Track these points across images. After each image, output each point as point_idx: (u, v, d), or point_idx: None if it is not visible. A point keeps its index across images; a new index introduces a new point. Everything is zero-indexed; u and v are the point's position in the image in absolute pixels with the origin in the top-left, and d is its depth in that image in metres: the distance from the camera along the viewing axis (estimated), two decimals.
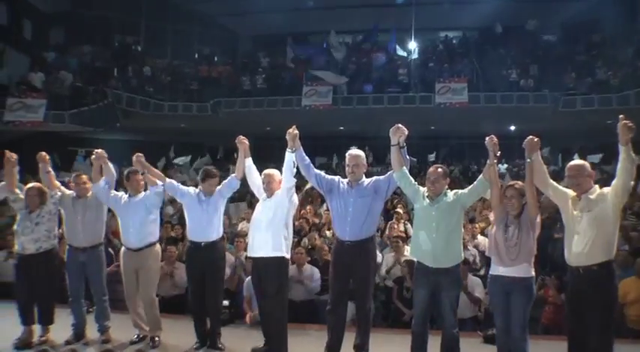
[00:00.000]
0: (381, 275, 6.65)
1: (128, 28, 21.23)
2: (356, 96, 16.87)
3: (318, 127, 18.77)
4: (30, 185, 5.03)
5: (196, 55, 21.21)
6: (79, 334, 4.98)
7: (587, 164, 3.94)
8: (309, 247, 7.46)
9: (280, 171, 4.61)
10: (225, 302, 5.49)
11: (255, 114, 17.42)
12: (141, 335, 4.97)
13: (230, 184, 4.94)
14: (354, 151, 4.54)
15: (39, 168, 5.06)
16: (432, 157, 17.59)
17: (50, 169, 5.11)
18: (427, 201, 4.17)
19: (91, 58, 18.56)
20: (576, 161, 4.05)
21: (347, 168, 4.48)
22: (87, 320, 5.07)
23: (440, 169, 4.21)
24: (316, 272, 6.57)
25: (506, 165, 17.93)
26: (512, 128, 18.71)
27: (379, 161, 17.40)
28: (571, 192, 3.90)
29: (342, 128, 19.57)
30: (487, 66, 17.00)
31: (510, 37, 18.59)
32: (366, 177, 4.51)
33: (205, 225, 4.77)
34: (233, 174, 4.94)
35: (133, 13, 20.73)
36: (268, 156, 18.60)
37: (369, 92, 16.76)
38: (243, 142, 4.85)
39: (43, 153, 5.06)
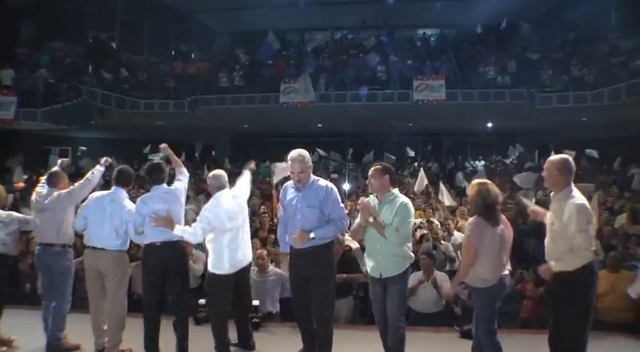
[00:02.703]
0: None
1: (103, 23, 20.81)
2: (334, 93, 16.82)
3: (296, 125, 18.80)
4: None
5: (173, 52, 20.94)
6: None
7: (557, 158, 3.89)
8: None
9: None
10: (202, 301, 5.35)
11: (232, 112, 17.27)
12: None
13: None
14: (295, 153, 4.18)
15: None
16: (410, 153, 17.65)
17: None
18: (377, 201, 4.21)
19: (63, 54, 18.14)
20: (553, 156, 4.05)
21: (292, 175, 4.22)
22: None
23: (377, 166, 4.20)
24: None
25: (482, 162, 18.12)
26: (490, 125, 18.90)
27: (357, 158, 17.46)
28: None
29: (320, 125, 19.50)
30: (464, 63, 17.09)
31: (488, 34, 18.72)
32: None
33: None
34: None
35: (109, 8, 20.35)
36: (246, 153, 18.65)
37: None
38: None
39: None
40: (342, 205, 4.22)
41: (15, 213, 5.14)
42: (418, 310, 5.94)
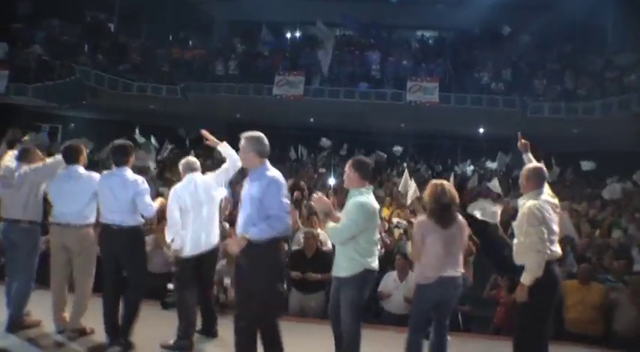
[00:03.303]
0: None
1: (102, 4, 20.63)
2: (327, 88, 16.82)
3: (289, 118, 18.77)
4: None
5: (171, 37, 20.82)
6: None
7: (530, 166, 4.08)
8: None
9: None
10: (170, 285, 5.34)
11: (225, 100, 17.23)
12: None
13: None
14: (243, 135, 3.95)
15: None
16: (398, 152, 17.70)
17: None
18: None
19: (60, 31, 18.00)
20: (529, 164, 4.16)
21: None
22: None
23: (352, 160, 4.08)
24: None
25: (472, 167, 18.19)
26: (482, 130, 18.95)
27: (349, 154, 17.46)
28: None
29: (312, 120, 19.50)
30: (460, 67, 17.13)
31: (486, 40, 18.76)
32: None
33: None
34: None
35: None
36: (239, 143, 18.51)
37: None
38: None
39: None
40: (284, 202, 3.73)
41: None
42: (391, 311, 6.00)
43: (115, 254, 4.39)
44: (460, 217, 3.93)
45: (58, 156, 4.76)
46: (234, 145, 13.07)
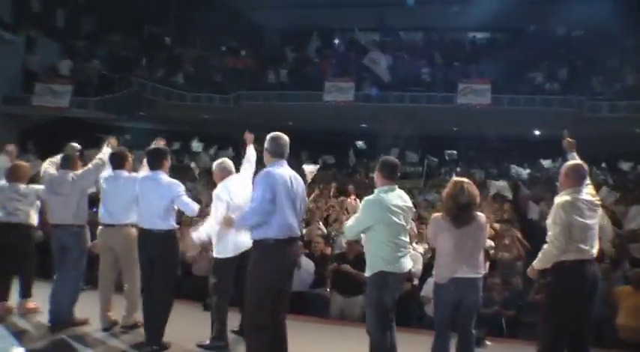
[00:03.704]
0: None
1: (159, 17, 21.46)
2: (378, 93, 16.77)
3: (340, 123, 18.84)
4: None
5: (223, 48, 21.38)
6: None
7: (569, 163, 4.01)
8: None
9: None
10: None
11: (277, 108, 17.50)
12: None
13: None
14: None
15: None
16: (452, 155, 17.43)
17: None
18: None
19: (120, 46, 18.87)
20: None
21: None
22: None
23: (379, 160, 4.19)
24: (312, 266, 6.63)
25: (528, 170, 17.65)
26: (537, 132, 18.39)
27: (401, 157, 17.39)
28: None
29: (364, 126, 19.49)
30: (513, 68, 16.71)
31: (541, 39, 18.25)
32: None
33: None
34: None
35: (164, 4, 20.98)
36: (292, 149, 18.79)
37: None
38: None
39: None
40: (259, 195, 3.81)
41: (34, 186, 5.50)
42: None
43: (149, 257, 4.57)
44: (480, 217, 3.81)
45: (97, 160, 5.07)
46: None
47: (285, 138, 4.01)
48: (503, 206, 10.36)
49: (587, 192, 3.95)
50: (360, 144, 17.90)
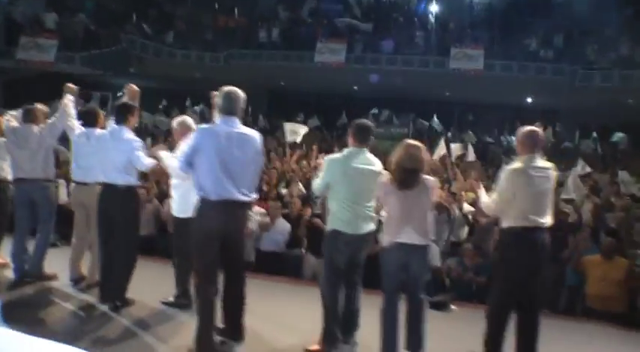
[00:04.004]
0: None
1: None
2: (369, 55, 16.61)
3: (331, 85, 18.67)
4: None
5: (216, 5, 20.90)
6: None
7: (523, 131, 3.86)
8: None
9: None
10: None
11: (267, 68, 17.29)
12: None
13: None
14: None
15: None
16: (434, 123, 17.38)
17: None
18: None
19: (109, 0, 18.42)
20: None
21: None
22: None
23: None
24: (287, 227, 6.64)
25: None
26: (529, 100, 18.27)
27: (390, 120, 17.36)
28: None
29: (355, 88, 19.31)
30: (508, 34, 16.47)
31: (539, 6, 17.93)
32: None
33: None
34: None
35: None
36: (282, 110, 18.76)
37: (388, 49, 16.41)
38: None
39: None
40: (182, 149, 3.86)
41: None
42: None
43: (108, 212, 4.50)
44: (427, 182, 3.70)
45: (60, 111, 4.99)
46: (276, 111, 13.39)
47: (238, 94, 3.71)
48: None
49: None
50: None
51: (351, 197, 3.84)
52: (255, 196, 3.74)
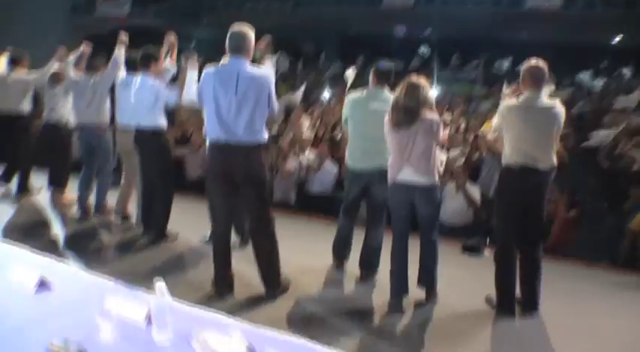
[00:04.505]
0: None
1: None
2: None
3: (400, 29, 18.14)
4: None
5: None
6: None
7: (525, 66, 3.66)
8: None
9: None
10: None
11: (335, 14, 17.06)
12: None
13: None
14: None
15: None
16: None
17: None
18: None
19: None
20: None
21: None
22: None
23: None
24: (335, 169, 6.78)
25: (601, 80, 16.43)
26: (617, 39, 16.89)
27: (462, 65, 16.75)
28: None
29: (427, 31, 18.65)
30: None
31: None
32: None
33: None
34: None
35: None
36: (354, 56, 18.58)
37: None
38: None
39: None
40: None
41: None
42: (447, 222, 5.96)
43: (143, 155, 4.88)
44: (427, 121, 3.57)
45: (112, 61, 5.30)
46: (348, 57, 13.16)
47: (240, 30, 3.57)
48: None
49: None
50: (423, 49, 17.25)
51: (362, 133, 4.05)
52: (261, 138, 3.60)
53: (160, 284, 1.83)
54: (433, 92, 11.88)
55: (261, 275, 3.74)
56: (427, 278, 3.81)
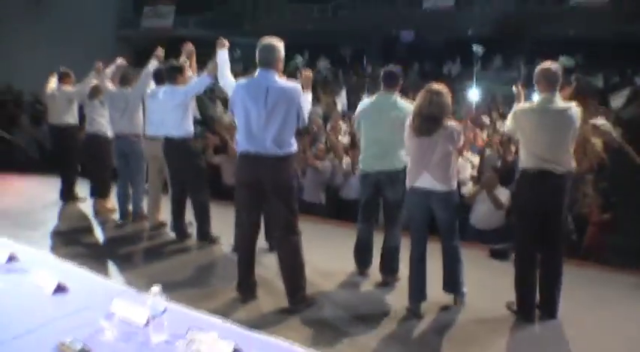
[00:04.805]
0: None
1: None
2: None
3: (442, 30, 17.99)
4: None
5: None
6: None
7: (538, 69, 3.62)
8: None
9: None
10: None
11: (375, 17, 17.10)
12: None
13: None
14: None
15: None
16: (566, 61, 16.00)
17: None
18: None
19: None
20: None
21: None
22: None
23: None
24: None
25: None
26: None
27: (508, 64, 16.43)
28: None
29: (470, 32, 18.41)
30: None
31: None
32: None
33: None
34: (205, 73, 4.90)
35: None
36: (394, 57, 18.56)
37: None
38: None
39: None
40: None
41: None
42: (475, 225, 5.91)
43: (172, 164, 5.11)
44: (448, 129, 3.59)
45: (144, 73, 5.55)
46: (389, 59, 13.05)
47: (269, 43, 3.58)
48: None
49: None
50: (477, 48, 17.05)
51: (372, 137, 4.16)
52: (289, 149, 3.62)
53: (156, 288, 1.95)
54: (475, 93, 11.83)
55: (285, 286, 3.74)
56: (452, 283, 3.82)
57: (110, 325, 2.00)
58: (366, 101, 4.33)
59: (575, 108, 3.54)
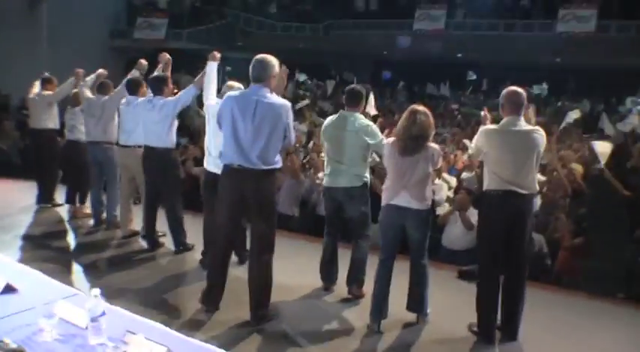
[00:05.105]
0: None
1: None
2: (469, 21, 15.95)
3: (433, 53, 18.22)
4: None
5: None
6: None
7: (505, 92, 3.66)
8: None
9: None
10: None
11: (366, 38, 17.32)
12: None
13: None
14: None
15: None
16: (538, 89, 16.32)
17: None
18: None
19: None
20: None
21: None
22: None
23: None
24: None
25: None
26: None
27: (493, 90, 16.63)
28: None
29: (459, 55, 18.69)
30: None
31: None
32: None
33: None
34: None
35: None
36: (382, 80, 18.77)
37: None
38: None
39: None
40: None
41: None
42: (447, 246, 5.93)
43: (151, 172, 5.11)
44: (429, 149, 3.65)
45: (121, 85, 5.59)
46: (379, 81, 13.20)
47: (263, 59, 3.60)
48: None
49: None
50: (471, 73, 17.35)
51: (332, 155, 4.25)
52: (273, 164, 3.61)
53: (96, 291, 1.96)
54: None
55: (250, 301, 3.69)
56: (416, 303, 3.83)
57: (50, 326, 1.99)
58: (328, 119, 4.39)
59: (540, 132, 3.59)
